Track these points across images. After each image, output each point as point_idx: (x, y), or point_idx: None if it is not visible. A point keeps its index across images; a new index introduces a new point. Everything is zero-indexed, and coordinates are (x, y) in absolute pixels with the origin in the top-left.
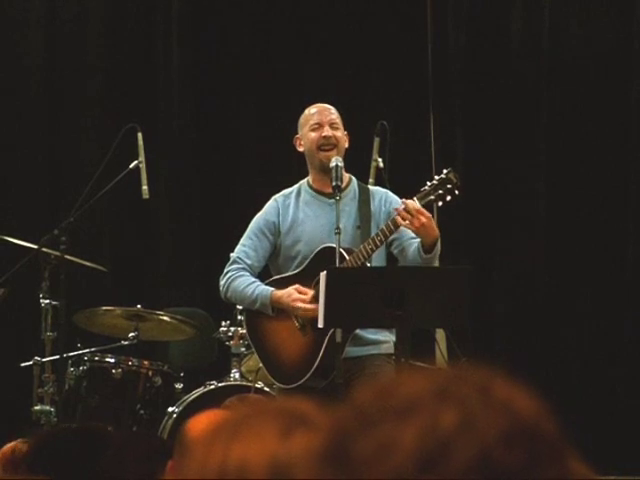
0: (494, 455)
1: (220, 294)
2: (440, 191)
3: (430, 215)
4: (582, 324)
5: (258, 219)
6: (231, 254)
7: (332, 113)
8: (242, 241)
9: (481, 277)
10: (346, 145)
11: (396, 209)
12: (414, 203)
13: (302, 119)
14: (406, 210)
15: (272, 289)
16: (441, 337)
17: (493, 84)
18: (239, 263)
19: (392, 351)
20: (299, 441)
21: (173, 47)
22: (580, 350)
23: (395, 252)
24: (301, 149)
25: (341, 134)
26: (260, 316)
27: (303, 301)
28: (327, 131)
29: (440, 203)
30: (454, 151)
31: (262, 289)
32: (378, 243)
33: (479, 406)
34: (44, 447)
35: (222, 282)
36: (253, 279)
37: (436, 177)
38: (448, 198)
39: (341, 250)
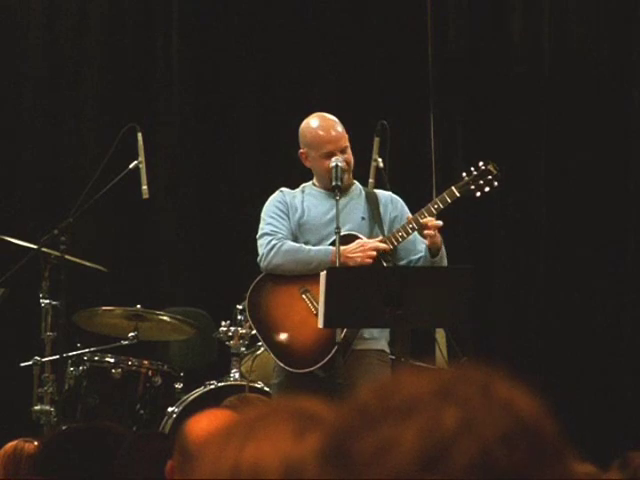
0: (495, 455)
1: (263, 264)
2: (480, 181)
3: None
4: (583, 324)
5: (270, 205)
6: (260, 234)
7: (342, 137)
8: (265, 224)
9: (481, 277)
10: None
11: (425, 232)
12: (437, 223)
13: (308, 137)
14: (428, 227)
15: (332, 247)
16: (441, 337)
17: (493, 84)
18: (276, 235)
19: (382, 347)
20: (312, 442)
21: (173, 47)
22: (580, 350)
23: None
24: (308, 165)
25: (350, 154)
26: (266, 298)
27: (372, 257)
28: (341, 162)
29: (478, 194)
30: (454, 151)
31: (320, 247)
32: (410, 231)
33: (480, 406)
34: (55, 447)
35: (265, 250)
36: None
37: (473, 168)
38: (487, 189)
39: (354, 234)
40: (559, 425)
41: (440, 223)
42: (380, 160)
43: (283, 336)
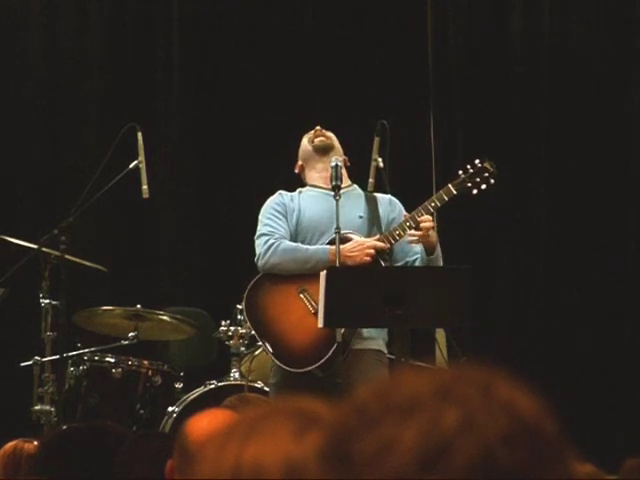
0: (495, 455)
1: (260, 263)
2: (477, 179)
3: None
4: (583, 324)
5: (267, 207)
6: (258, 235)
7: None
8: (263, 226)
9: (482, 277)
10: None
11: (413, 232)
12: (429, 224)
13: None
14: (419, 228)
15: (329, 246)
16: (441, 337)
17: (493, 84)
18: (273, 234)
19: (380, 347)
20: (312, 441)
21: (173, 47)
22: (581, 350)
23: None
24: (299, 165)
25: (336, 140)
26: (263, 298)
27: (371, 255)
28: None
29: (475, 191)
30: (454, 151)
31: (318, 246)
32: (407, 229)
33: (480, 406)
34: (55, 447)
35: (263, 250)
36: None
37: (469, 166)
38: (483, 187)
39: (349, 233)
40: (560, 425)
41: (430, 224)
42: (380, 160)
43: (281, 336)
